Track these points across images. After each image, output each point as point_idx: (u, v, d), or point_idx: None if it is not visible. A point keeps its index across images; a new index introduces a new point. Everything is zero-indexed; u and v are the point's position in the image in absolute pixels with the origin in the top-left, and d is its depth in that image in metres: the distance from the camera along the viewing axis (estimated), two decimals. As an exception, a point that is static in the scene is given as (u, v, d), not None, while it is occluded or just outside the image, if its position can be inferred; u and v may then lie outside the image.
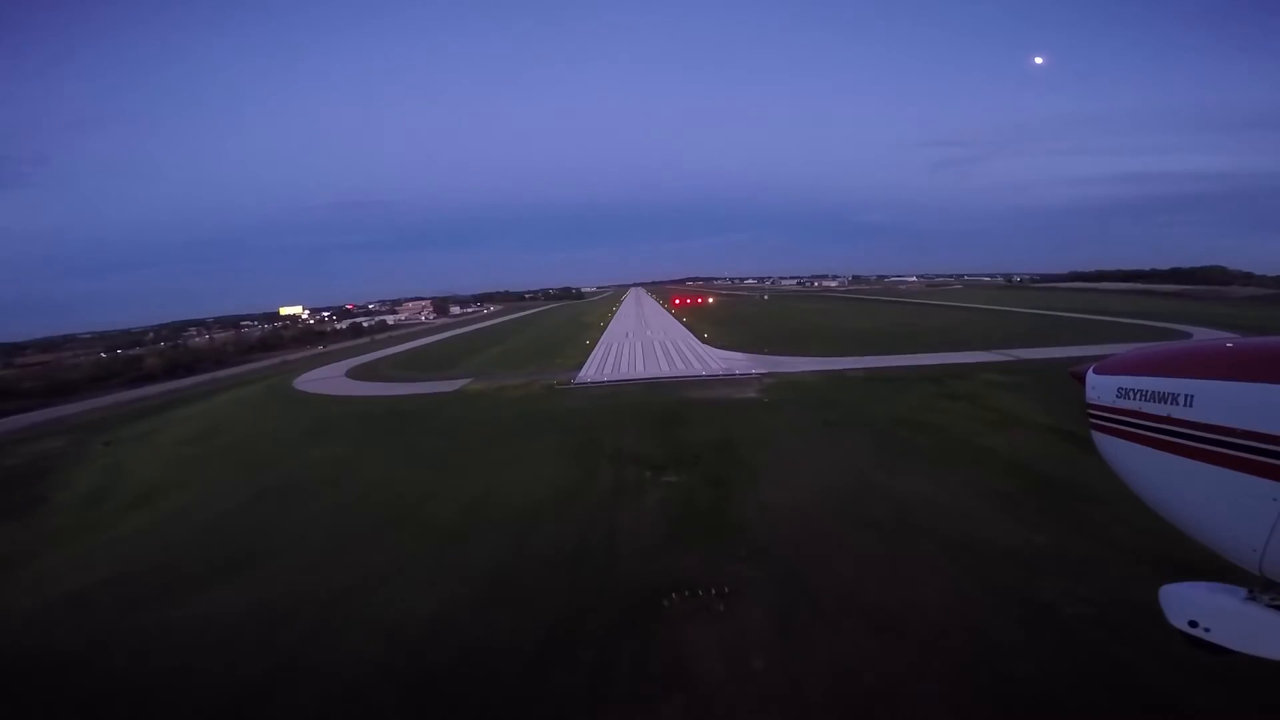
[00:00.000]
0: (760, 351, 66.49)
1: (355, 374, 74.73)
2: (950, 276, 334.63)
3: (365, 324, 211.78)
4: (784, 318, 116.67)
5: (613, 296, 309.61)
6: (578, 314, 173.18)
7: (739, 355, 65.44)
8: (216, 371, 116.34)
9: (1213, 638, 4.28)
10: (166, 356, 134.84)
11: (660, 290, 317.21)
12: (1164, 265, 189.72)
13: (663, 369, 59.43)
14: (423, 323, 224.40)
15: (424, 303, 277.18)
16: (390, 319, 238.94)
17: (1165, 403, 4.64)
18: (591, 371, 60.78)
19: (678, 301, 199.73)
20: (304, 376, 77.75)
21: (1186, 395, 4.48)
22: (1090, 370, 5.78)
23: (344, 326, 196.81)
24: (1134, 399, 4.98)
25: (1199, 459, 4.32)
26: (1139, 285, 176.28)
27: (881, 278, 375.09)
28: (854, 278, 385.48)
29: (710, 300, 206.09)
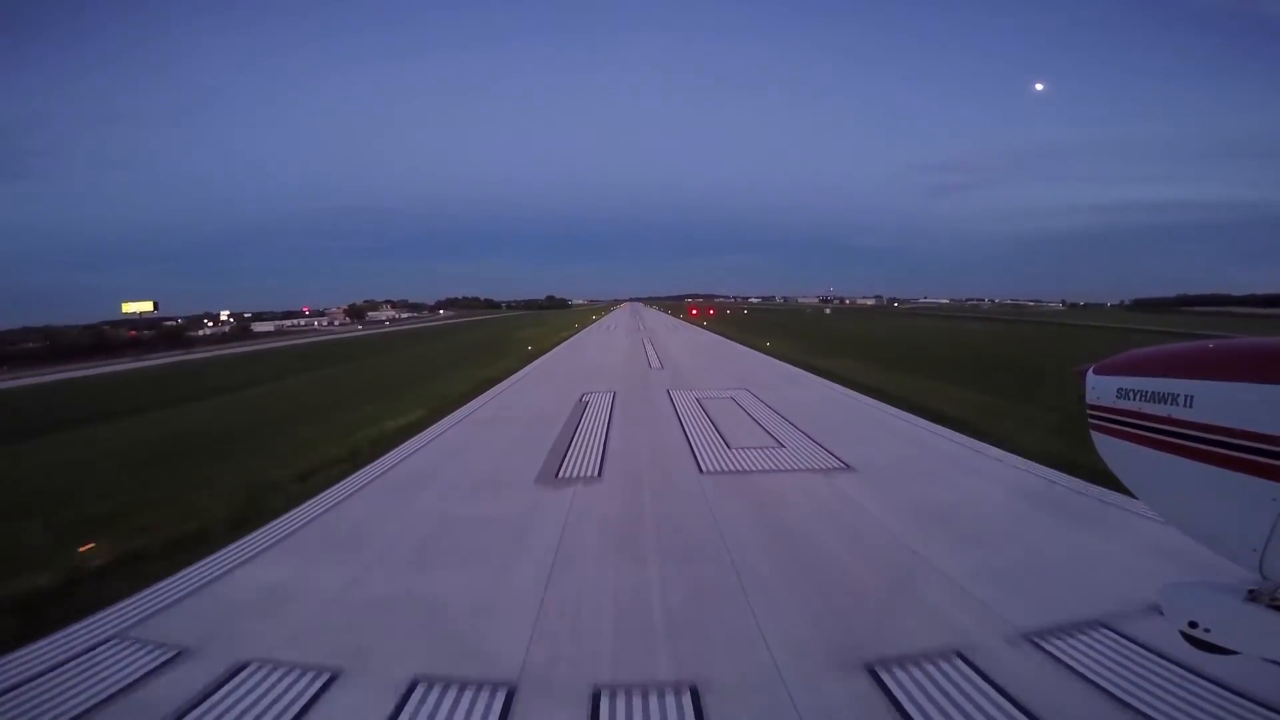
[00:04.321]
0: None
1: None
2: (980, 298, 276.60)
3: (208, 332, 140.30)
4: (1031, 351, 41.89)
5: (602, 308, 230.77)
6: (509, 329, 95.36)
7: None
8: None
9: (1213, 638, 3.90)
10: None
11: (663, 306, 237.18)
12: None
13: None
14: (314, 329, 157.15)
15: (338, 310, 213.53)
16: (279, 325, 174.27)
17: (1165, 403, 4.12)
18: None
19: (694, 312, 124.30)
20: None
21: (1187, 395, 3.96)
22: (1090, 370, 5.04)
23: (154, 334, 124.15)
24: (1134, 399, 4.40)
25: (1199, 459, 3.85)
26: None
27: (893, 300, 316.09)
28: (877, 297, 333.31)
29: (744, 312, 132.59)
